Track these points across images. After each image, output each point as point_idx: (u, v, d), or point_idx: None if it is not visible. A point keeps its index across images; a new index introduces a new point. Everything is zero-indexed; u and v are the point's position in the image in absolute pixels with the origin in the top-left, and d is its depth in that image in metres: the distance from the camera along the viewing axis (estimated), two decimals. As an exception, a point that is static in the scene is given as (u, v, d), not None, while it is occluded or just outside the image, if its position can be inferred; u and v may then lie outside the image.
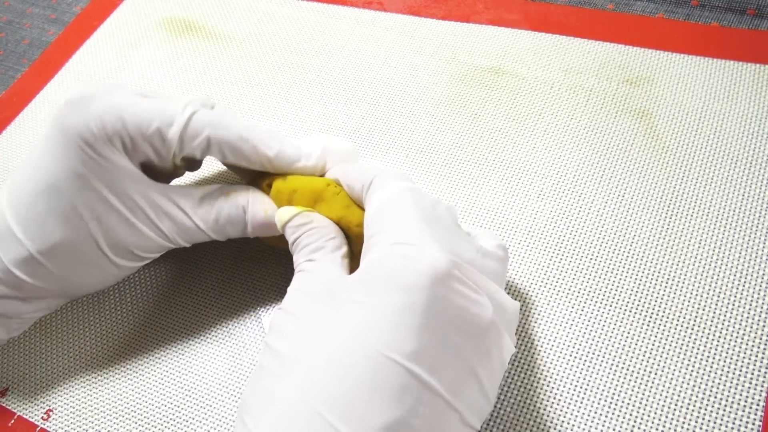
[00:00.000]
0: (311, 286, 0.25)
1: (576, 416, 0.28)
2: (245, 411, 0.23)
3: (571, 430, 0.28)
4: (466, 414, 0.23)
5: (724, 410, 0.27)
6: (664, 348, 0.29)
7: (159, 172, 0.31)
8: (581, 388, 0.29)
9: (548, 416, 0.28)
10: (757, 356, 0.28)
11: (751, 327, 0.29)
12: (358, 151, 0.33)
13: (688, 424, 0.27)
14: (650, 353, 0.29)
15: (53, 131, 0.29)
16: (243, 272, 0.36)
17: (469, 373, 0.23)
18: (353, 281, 0.24)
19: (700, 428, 0.27)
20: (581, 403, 0.29)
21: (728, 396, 0.28)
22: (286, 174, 0.31)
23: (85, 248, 0.29)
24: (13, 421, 0.33)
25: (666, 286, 0.31)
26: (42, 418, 0.33)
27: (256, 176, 0.33)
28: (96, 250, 0.30)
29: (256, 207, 0.31)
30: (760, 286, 0.30)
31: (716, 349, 0.29)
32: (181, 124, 0.29)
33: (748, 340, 0.29)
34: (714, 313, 0.30)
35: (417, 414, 0.21)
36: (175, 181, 0.36)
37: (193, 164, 0.33)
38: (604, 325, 0.30)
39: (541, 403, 0.29)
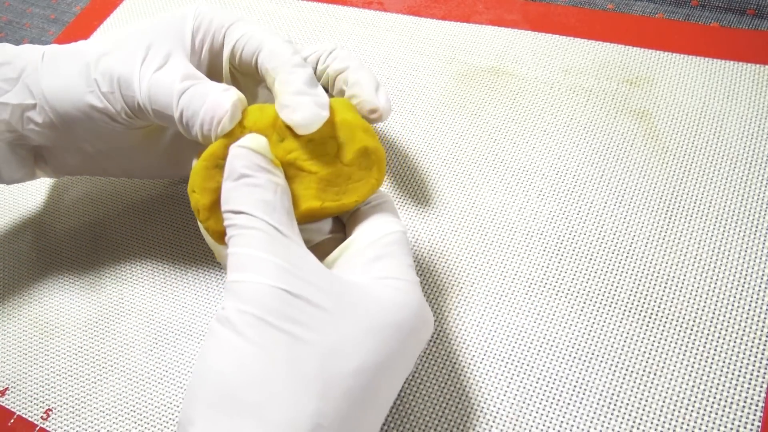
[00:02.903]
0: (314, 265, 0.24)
1: (576, 416, 0.28)
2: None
3: (571, 430, 0.28)
4: None
5: (724, 410, 0.27)
6: (664, 348, 0.29)
7: None
8: (581, 388, 0.29)
9: (548, 416, 0.28)
10: (756, 356, 0.28)
11: (751, 327, 0.29)
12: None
13: (688, 424, 0.27)
14: (650, 353, 0.29)
15: None
16: (243, 272, 0.36)
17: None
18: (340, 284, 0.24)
19: (700, 428, 0.27)
20: (581, 403, 0.29)
21: (728, 396, 0.28)
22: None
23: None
24: (12, 420, 0.33)
25: (666, 287, 0.31)
26: (41, 417, 0.33)
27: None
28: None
29: (222, 97, 0.27)
30: (760, 286, 0.30)
31: (716, 349, 0.29)
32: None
33: (747, 340, 0.29)
34: (714, 313, 0.30)
35: None
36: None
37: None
38: (604, 326, 0.30)
39: (541, 403, 0.29)
